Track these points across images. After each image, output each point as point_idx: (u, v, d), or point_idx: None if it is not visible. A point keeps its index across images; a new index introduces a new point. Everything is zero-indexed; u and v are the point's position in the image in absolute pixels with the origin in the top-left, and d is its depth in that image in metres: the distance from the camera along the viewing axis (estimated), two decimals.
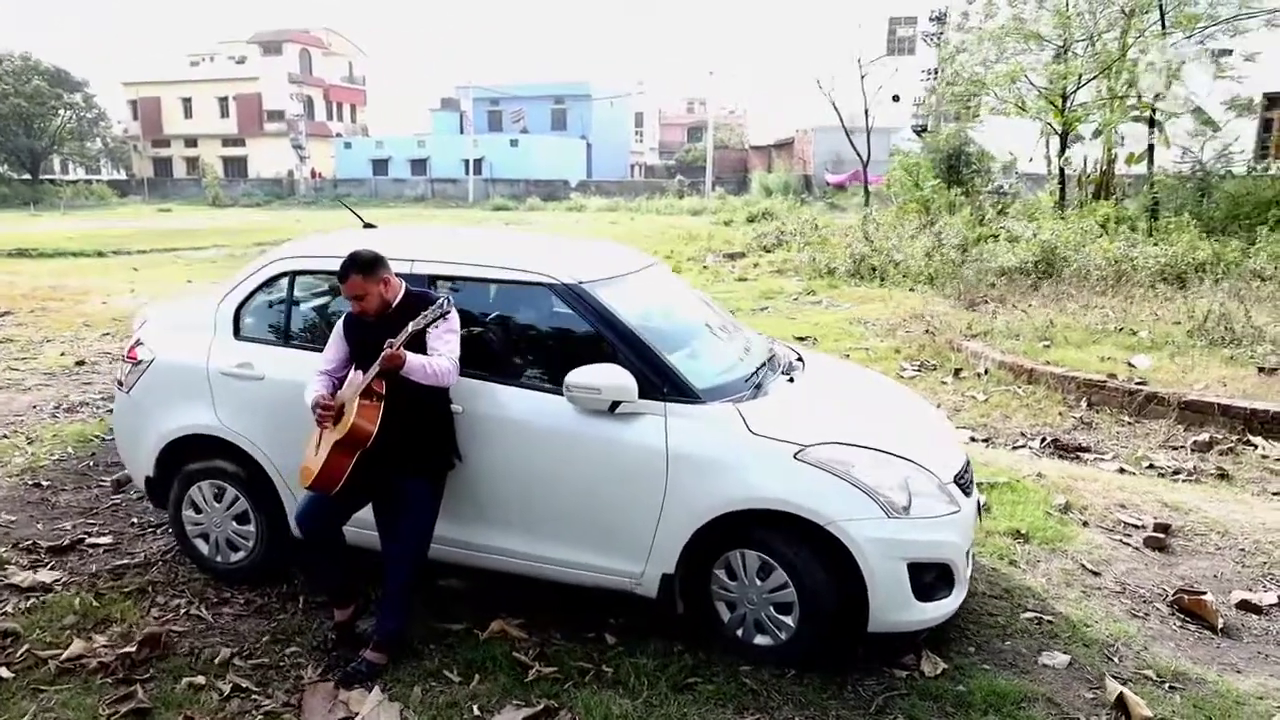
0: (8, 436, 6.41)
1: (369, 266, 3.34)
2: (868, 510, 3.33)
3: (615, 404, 3.44)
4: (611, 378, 3.42)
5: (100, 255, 20.26)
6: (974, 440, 6.60)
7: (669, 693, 3.31)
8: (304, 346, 4.01)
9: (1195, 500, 5.32)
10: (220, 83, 62.38)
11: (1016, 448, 6.50)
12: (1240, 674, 3.60)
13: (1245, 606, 4.14)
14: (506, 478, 3.68)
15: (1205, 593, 4.16)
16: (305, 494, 3.49)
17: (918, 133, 29.57)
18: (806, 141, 44.96)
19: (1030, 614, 3.99)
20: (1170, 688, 3.46)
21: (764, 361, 4.09)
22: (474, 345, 3.64)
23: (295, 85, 61.07)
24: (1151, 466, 6.07)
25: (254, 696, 3.33)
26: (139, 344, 4.30)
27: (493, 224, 30.29)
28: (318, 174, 54.71)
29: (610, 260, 4.14)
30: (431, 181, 50.34)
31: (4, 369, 8.54)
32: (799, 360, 4.33)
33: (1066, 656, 3.64)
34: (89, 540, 4.67)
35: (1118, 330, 8.73)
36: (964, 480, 3.71)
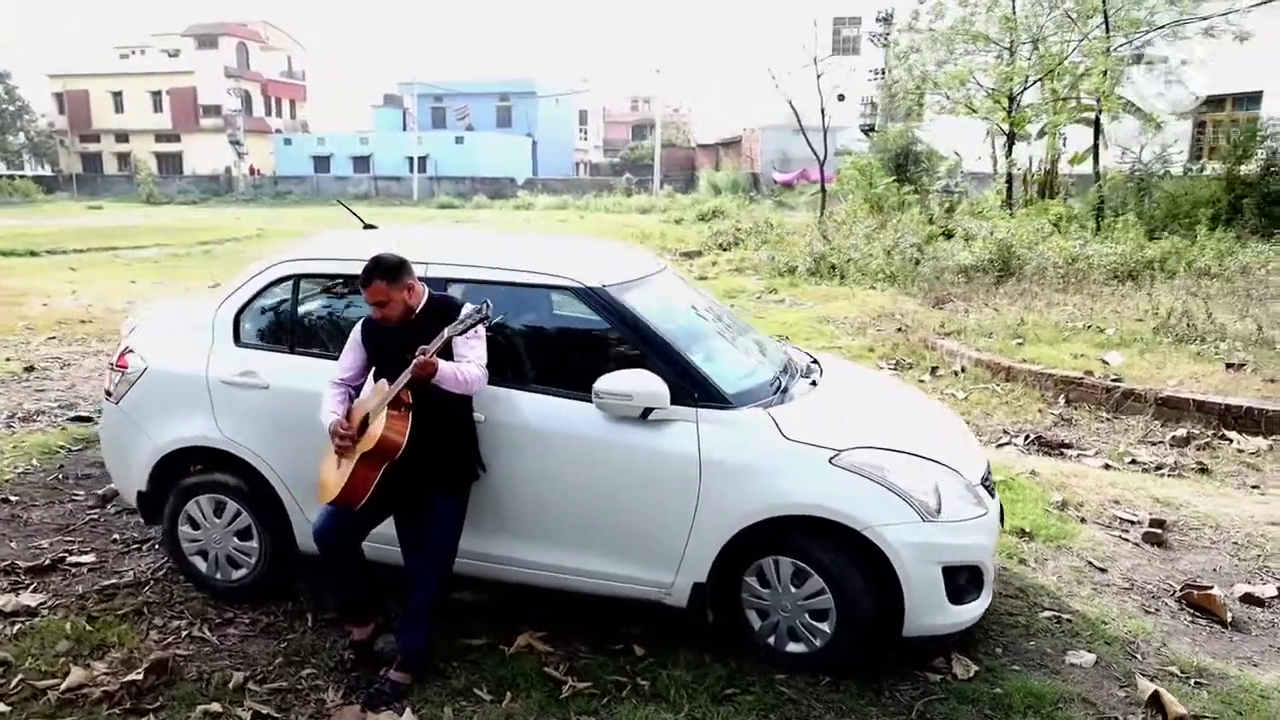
0: None
1: (394, 271, 3.20)
2: (903, 514, 3.30)
3: (647, 411, 3.36)
4: (644, 384, 3.34)
5: (33, 254, 19.29)
6: None
7: (710, 705, 3.25)
8: (311, 353, 3.85)
9: (1184, 495, 5.44)
10: (153, 76, 60.17)
11: (1001, 445, 6.58)
12: (1258, 667, 3.67)
13: (1249, 600, 4.23)
14: (530, 487, 3.57)
15: (1212, 587, 4.23)
16: (323, 509, 3.34)
17: (865, 132, 29.97)
18: (754, 140, 45.27)
19: (1049, 613, 4.02)
20: (1196, 683, 3.51)
21: (783, 365, 4.05)
22: (494, 351, 3.52)
23: (232, 80, 59.32)
24: (1134, 462, 6.20)
25: None
26: (129, 351, 4.06)
27: (440, 222, 29.84)
28: (256, 171, 53.26)
29: (628, 263, 4.05)
30: (375, 179, 49.37)
31: None
32: (815, 363, 4.30)
33: (1092, 655, 3.66)
34: (70, 559, 4.41)
35: (1086, 327, 8.91)
36: (988, 482, 3.71)
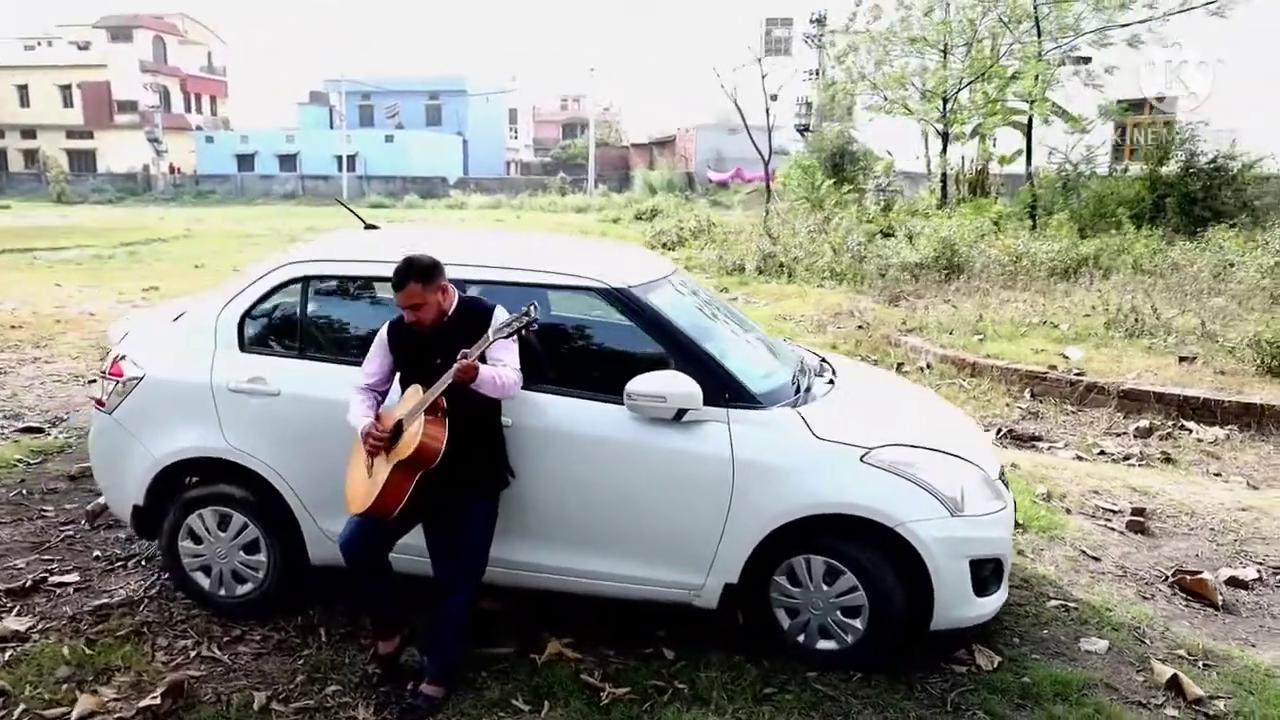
0: None
1: (428, 274, 3.11)
2: (933, 510, 3.35)
3: (681, 412, 3.34)
4: (678, 385, 3.32)
5: None
6: None
7: (752, 705, 3.24)
8: (322, 358, 3.72)
9: (1158, 484, 5.65)
10: (62, 69, 57.36)
11: None
12: (1255, 648, 3.83)
13: (1233, 583, 4.41)
14: (558, 492, 3.51)
15: (1202, 572, 4.41)
16: (350, 519, 3.23)
17: (801, 132, 30.47)
18: (688, 139, 45.59)
19: (1055, 602, 4.13)
20: (1205, 665, 3.65)
21: (799, 365, 4.07)
22: (520, 354, 3.45)
23: (149, 74, 56.96)
24: (1103, 453, 6.42)
25: None
26: (123, 358, 3.86)
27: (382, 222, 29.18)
28: (176, 169, 51.22)
29: (647, 264, 4.03)
30: (302, 178, 48.06)
31: None
32: (825, 362, 4.34)
33: (1104, 642, 3.78)
34: (53, 579, 4.16)
35: (1041, 323, 9.20)
36: (1003, 476, 3.80)
